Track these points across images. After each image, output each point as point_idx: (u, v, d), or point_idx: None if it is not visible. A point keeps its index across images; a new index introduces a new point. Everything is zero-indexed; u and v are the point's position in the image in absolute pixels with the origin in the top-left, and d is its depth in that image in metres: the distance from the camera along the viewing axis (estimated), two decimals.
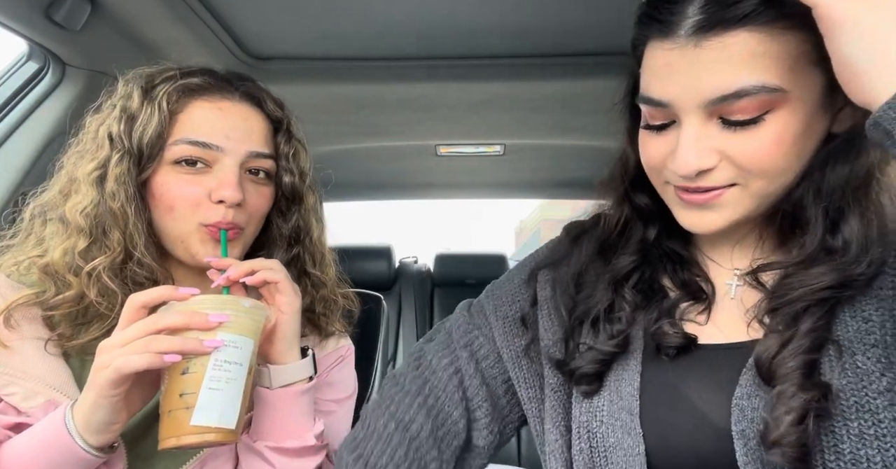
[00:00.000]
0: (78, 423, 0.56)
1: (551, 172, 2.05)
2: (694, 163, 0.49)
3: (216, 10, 1.01)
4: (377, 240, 2.55)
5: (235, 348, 0.58)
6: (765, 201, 0.52)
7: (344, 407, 0.83)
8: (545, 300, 0.66)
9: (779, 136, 0.48)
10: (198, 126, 0.69)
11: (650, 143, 0.55)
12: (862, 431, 0.46)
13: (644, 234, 0.62)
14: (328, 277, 0.83)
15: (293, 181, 0.77)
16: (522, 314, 0.67)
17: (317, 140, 1.67)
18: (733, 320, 0.57)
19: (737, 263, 0.60)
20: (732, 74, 0.46)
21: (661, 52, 0.50)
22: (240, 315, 0.59)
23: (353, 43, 1.13)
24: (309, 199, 0.80)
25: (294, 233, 0.79)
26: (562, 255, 0.69)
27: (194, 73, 0.73)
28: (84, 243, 0.66)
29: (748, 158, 0.48)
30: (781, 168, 0.49)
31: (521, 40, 1.13)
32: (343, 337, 0.87)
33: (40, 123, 0.98)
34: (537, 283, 0.68)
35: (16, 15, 0.84)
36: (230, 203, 0.68)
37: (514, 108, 1.42)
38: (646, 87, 0.53)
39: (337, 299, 0.85)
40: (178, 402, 0.56)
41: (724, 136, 0.49)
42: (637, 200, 0.62)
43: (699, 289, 0.60)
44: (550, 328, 0.64)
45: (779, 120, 0.47)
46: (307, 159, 0.80)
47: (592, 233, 0.67)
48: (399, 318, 2.36)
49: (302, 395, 0.69)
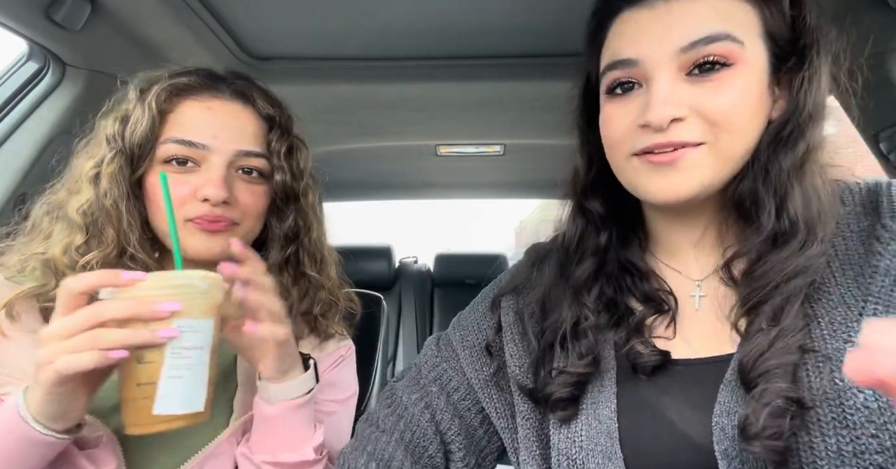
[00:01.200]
0: (33, 411, 0.53)
1: (551, 172, 2.03)
2: (668, 110, 0.51)
3: (216, 10, 1.01)
4: (377, 240, 2.55)
5: (193, 332, 0.54)
6: (727, 166, 0.53)
7: (345, 407, 0.83)
8: (509, 326, 0.66)
9: (743, 90, 0.51)
10: (186, 125, 0.69)
11: (614, 114, 0.57)
12: (840, 448, 0.45)
13: (597, 240, 0.63)
14: (328, 279, 0.82)
15: (285, 179, 0.75)
16: (487, 342, 0.67)
17: (317, 140, 1.66)
18: (702, 334, 0.57)
19: (697, 272, 0.60)
20: (702, 22, 0.51)
21: (631, 18, 0.55)
22: (195, 297, 0.54)
23: (352, 43, 1.13)
24: (308, 197, 0.79)
25: (290, 232, 0.78)
26: (523, 279, 0.69)
27: (185, 72, 0.73)
28: (81, 239, 0.67)
29: (716, 109, 0.51)
30: (745, 123, 0.52)
31: (521, 40, 1.13)
32: (344, 337, 0.87)
33: (40, 123, 0.98)
34: (501, 309, 0.68)
35: (16, 15, 0.84)
36: (214, 201, 0.68)
37: (514, 108, 1.42)
38: (614, 53, 0.56)
39: (338, 302, 0.84)
40: (136, 392, 0.53)
41: (693, 91, 0.52)
42: (589, 207, 0.63)
43: (662, 301, 0.60)
44: (516, 354, 0.64)
45: (740, 75, 0.51)
46: (306, 157, 0.79)
47: (553, 254, 0.67)
48: (399, 318, 2.36)
49: (301, 407, 0.68)
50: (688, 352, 0.56)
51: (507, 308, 0.68)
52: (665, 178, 0.53)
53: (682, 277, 0.60)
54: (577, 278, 0.62)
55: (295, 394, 0.67)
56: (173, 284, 0.54)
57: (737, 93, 0.51)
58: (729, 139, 0.52)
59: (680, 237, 0.61)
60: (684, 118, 0.51)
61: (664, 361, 0.55)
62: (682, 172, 0.52)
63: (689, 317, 0.59)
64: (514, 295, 0.68)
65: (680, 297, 0.60)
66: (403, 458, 0.62)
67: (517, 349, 0.64)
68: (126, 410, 0.54)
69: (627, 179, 0.57)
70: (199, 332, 0.55)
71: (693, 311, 0.59)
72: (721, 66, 0.51)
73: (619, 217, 0.63)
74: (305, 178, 0.79)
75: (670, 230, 0.61)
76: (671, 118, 0.51)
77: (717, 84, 0.51)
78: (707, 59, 0.51)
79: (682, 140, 0.51)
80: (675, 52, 0.51)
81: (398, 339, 2.34)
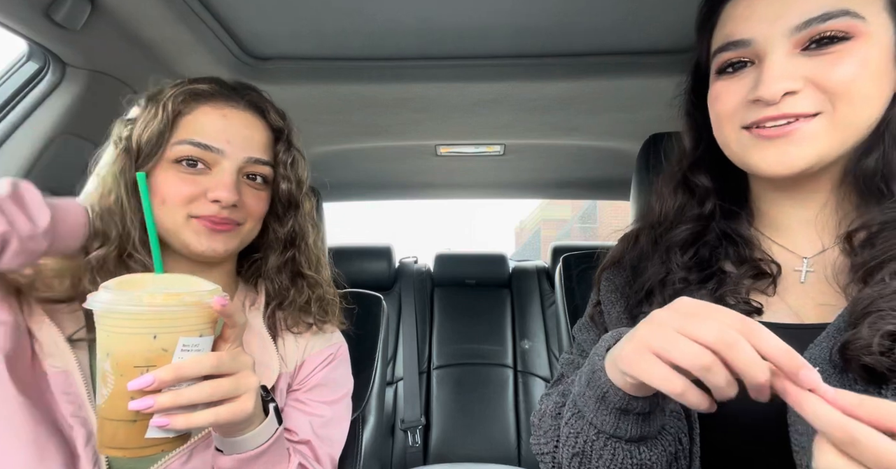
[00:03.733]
0: None
1: (551, 172, 2.05)
2: (780, 84, 0.50)
3: (216, 11, 1.01)
4: (377, 240, 2.54)
5: (197, 352, 0.52)
6: (846, 137, 0.52)
7: (336, 408, 0.83)
8: (606, 295, 0.70)
9: (863, 61, 0.50)
10: (202, 129, 0.72)
11: (723, 90, 0.56)
12: None
13: (700, 210, 0.64)
14: (323, 278, 0.87)
15: (290, 188, 0.80)
16: (591, 313, 0.72)
17: (317, 140, 1.67)
18: (805, 305, 0.56)
19: (807, 249, 0.59)
20: (817, 1, 0.50)
21: (744, 2, 0.54)
22: (198, 314, 0.52)
23: (353, 43, 1.13)
24: (305, 205, 0.84)
25: (289, 237, 0.83)
26: (619, 255, 0.72)
27: (203, 80, 0.76)
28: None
29: (834, 79, 0.50)
30: (866, 94, 0.50)
31: (521, 40, 1.13)
32: (334, 335, 0.88)
33: (40, 123, 0.97)
34: (601, 283, 0.72)
35: (16, 15, 0.84)
36: (225, 204, 0.70)
37: (514, 109, 1.42)
38: (727, 35, 0.56)
39: (334, 298, 0.88)
40: (127, 414, 0.49)
41: (809, 64, 0.51)
42: (696, 180, 0.64)
43: (760, 267, 0.59)
44: (613, 313, 0.67)
45: (861, 47, 0.50)
46: (305, 168, 0.84)
47: (646, 230, 0.70)
48: (399, 318, 2.36)
49: (260, 456, 0.62)
50: (787, 316, 0.56)
51: (606, 280, 0.71)
52: (778, 151, 0.53)
53: (788, 253, 0.60)
54: (671, 238, 0.63)
55: (250, 446, 0.61)
56: (163, 301, 0.50)
57: (856, 63, 0.50)
58: (848, 109, 0.51)
59: (789, 214, 0.60)
60: (798, 91, 0.51)
61: (752, 312, 0.56)
62: (797, 145, 0.52)
63: (792, 288, 0.58)
64: (612, 269, 0.72)
65: (784, 271, 0.59)
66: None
67: (614, 311, 0.67)
68: (109, 430, 0.50)
69: (736, 154, 0.57)
70: (202, 351, 0.53)
71: (797, 284, 0.58)
72: (839, 39, 0.50)
73: (724, 193, 0.64)
74: (305, 188, 0.83)
75: (780, 207, 0.61)
76: (783, 92, 0.51)
77: (835, 56, 0.50)
78: (824, 35, 0.50)
79: (796, 112, 0.51)
80: (790, 30, 0.51)
81: (398, 339, 2.34)
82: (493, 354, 2.32)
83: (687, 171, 0.65)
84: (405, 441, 2.17)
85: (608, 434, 0.51)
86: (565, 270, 1.19)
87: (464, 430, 2.20)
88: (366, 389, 1.05)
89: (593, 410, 0.51)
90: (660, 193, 0.68)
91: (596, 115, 1.45)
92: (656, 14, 1.02)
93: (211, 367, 0.52)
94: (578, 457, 0.53)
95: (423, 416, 2.21)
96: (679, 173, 0.66)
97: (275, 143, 0.80)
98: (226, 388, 0.53)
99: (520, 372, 2.31)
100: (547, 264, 2.53)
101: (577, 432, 0.53)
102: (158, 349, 0.50)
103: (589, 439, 0.52)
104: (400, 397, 2.24)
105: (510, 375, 2.29)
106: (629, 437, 0.50)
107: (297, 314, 0.83)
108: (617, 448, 0.51)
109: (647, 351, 0.43)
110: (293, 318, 0.83)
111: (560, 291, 1.19)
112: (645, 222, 0.70)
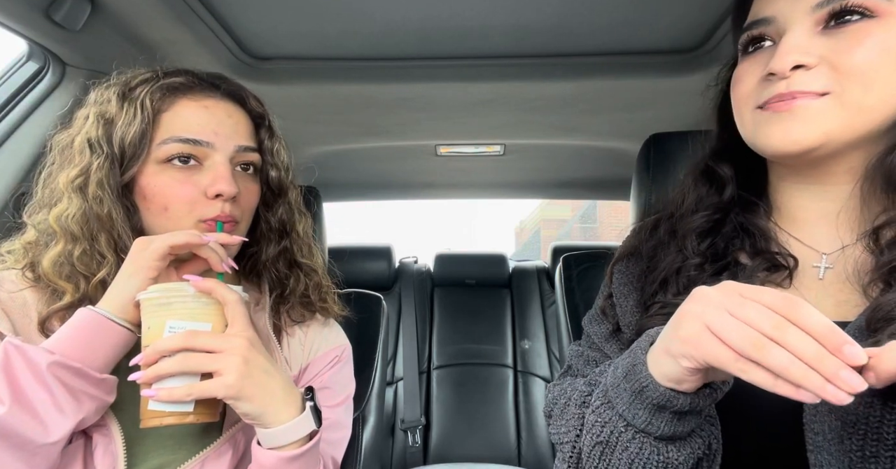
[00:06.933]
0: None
1: (551, 172, 2.05)
2: (792, 55, 0.50)
3: (216, 10, 1.01)
4: (377, 240, 2.54)
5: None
6: (858, 118, 0.50)
7: (339, 411, 0.83)
8: (618, 287, 0.70)
9: (884, 42, 0.48)
10: (186, 124, 0.69)
11: (745, 72, 0.56)
12: None
13: (719, 198, 0.63)
14: (318, 265, 0.87)
15: (280, 175, 0.79)
16: (602, 306, 0.72)
17: (317, 140, 1.66)
18: (822, 302, 0.55)
19: (826, 245, 0.58)
20: None
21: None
22: (186, 300, 0.61)
23: (352, 43, 1.13)
24: (291, 193, 0.83)
25: (281, 226, 0.82)
26: (632, 247, 0.72)
27: (175, 73, 0.73)
28: (79, 250, 0.66)
29: (849, 59, 0.49)
30: (880, 77, 0.49)
31: (521, 40, 1.13)
32: (339, 336, 0.88)
33: (40, 123, 0.97)
34: (613, 276, 0.72)
35: (16, 15, 0.84)
36: (227, 196, 0.69)
37: (514, 109, 1.41)
38: (753, 14, 0.55)
39: (330, 284, 0.88)
40: (141, 388, 0.60)
41: (827, 42, 0.50)
42: (718, 169, 0.64)
43: (779, 261, 0.58)
44: (626, 305, 0.67)
45: (883, 27, 0.48)
46: (288, 155, 0.83)
47: (663, 222, 0.69)
48: (399, 318, 2.36)
49: (294, 460, 0.62)
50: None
51: (618, 273, 0.71)
52: (781, 126, 0.52)
53: (806, 248, 0.59)
54: (688, 225, 0.62)
55: (285, 441, 0.62)
56: (165, 287, 0.61)
57: (876, 43, 0.49)
58: (860, 91, 0.49)
59: (807, 207, 0.59)
60: (810, 66, 0.50)
61: None
62: (800, 121, 0.51)
63: (811, 284, 0.57)
64: (626, 261, 0.72)
65: (802, 265, 0.58)
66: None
67: (627, 303, 0.67)
68: (142, 403, 0.61)
69: (748, 133, 0.56)
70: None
71: (815, 280, 0.57)
72: (861, 16, 0.49)
73: (744, 184, 0.63)
74: (291, 175, 0.83)
75: (798, 200, 0.60)
76: (794, 64, 0.50)
77: (854, 35, 0.49)
78: (845, 7, 0.49)
79: (802, 89, 0.50)
80: (812, 8, 0.50)
81: (398, 339, 2.34)
82: (493, 354, 2.32)
83: (709, 160, 0.65)
84: (405, 441, 2.17)
85: (637, 429, 0.50)
86: (565, 270, 1.19)
87: (464, 430, 2.20)
88: (366, 389, 1.05)
89: (626, 403, 0.50)
90: (682, 183, 0.68)
91: (596, 115, 1.45)
92: (656, 14, 1.02)
93: (179, 343, 0.58)
94: (601, 446, 0.52)
95: (423, 416, 2.21)
96: (702, 163, 0.66)
97: (257, 130, 0.78)
98: (196, 361, 0.58)
99: (520, 372, 2.31)
100: (547, 264, 2.53)
101: (604, 422, 0.52)
102: (151, 331, 0.61)
103: (616, 430, 0.51)
104: (400, 397, 2.24)
105: (510, 375, 2.30)
106: (660, 434, 0.49)
107: (298, 307, 0.84)
108: (645, 443, 0.50)
109: (706, 331, 0.41)
110: (296, 310, 0.83)
111: (560, 291, 1.19)
112: (664, 212, 0.70)
